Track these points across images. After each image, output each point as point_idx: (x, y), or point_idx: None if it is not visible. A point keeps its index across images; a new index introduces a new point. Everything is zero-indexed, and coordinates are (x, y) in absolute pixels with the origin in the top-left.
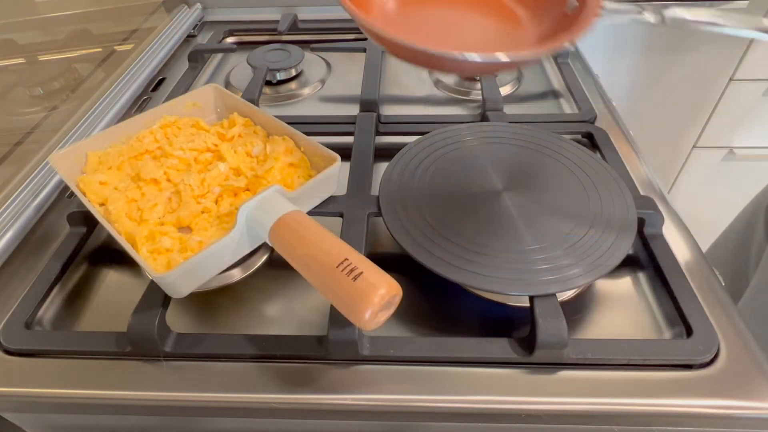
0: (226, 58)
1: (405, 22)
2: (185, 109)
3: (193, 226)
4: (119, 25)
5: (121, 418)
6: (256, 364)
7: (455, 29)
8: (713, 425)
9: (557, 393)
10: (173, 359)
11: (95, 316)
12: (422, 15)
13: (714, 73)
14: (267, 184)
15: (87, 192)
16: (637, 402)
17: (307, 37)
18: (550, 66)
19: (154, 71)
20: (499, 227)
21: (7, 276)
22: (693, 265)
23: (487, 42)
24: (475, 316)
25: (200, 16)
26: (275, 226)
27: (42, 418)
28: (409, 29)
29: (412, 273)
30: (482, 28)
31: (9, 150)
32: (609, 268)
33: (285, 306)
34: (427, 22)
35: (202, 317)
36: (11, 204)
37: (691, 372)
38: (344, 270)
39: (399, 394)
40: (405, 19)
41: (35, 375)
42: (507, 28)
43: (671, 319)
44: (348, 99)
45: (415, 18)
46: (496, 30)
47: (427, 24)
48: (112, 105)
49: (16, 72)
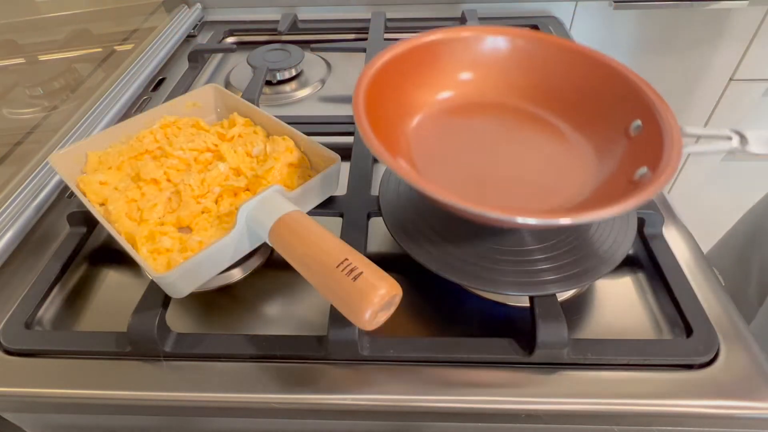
0: (226, 58)
1: (449, 161)
2: (185, 109)
3: (193, 226)
4: (119, 25)
5: (121, 418)
6: (256, 364)
7: (504, 167)
8: (713, 425)
9: (557, 393)
10: (173, 359)
11: (95, 316)
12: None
13: (714, 73)
14: (267, 184)
15: (87, 192)
16: (637, 402)
17: (307, 37)
18: None
19: (154, 71)
20: (498, 227)
21: (7, 276)
22: (693, 265)
23: (543, 182)
24: (475, 316)
25: (200, 16)
26: (275, 226)
27: (42, 418)
28: (453, 172)
29: (412, 273)
30: (538, 162)
31: (9, 150)
32: (609, 268)
33: (285, 306)
34: (472, 164)
35: (202, 317)
36: (11, 204)
37: (691, 372)
38: (344, 270)
39: (399, 394)
40: (447, 156)
41: (35, 375)
42: (564, 166)
43: (671, 319)
44: (348, 99)
45: (459, 157)
46: (550, 167)
47: (473, 167)
48: (112, 105)
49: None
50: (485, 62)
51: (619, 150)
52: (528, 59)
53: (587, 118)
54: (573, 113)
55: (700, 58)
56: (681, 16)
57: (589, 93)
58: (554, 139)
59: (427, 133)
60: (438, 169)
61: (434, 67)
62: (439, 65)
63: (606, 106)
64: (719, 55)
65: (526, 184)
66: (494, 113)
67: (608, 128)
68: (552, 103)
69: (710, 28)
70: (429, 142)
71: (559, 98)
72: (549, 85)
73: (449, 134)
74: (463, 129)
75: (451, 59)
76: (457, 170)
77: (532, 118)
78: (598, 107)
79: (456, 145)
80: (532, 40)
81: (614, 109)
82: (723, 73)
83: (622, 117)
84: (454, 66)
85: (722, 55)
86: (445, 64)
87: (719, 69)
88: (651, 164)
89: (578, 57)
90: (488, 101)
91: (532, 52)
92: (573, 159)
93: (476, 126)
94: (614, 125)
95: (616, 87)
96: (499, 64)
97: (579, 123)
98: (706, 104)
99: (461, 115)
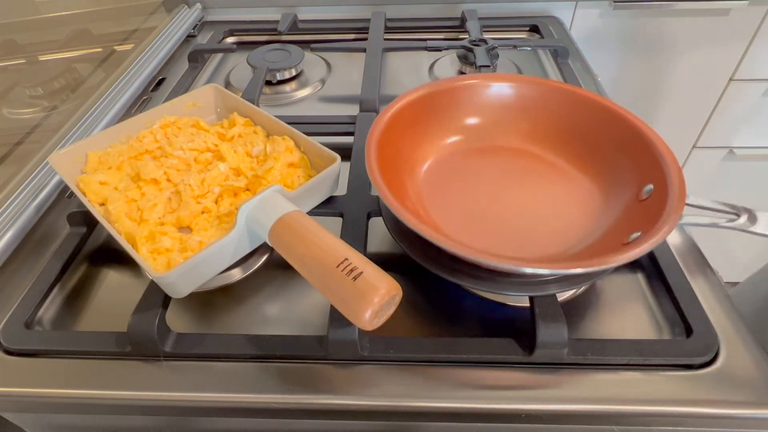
0: (226, 58)
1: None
2: (185, 109)
3: (193, 226)
4: (119, 25)
5: (121, 418)
6: (256, 364)
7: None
8: (713, 425)
9: (557, 393)
10: (173, 359)
11: (95, 316)
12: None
13: (714, 73)
14: (267, 184)
15: (87, 192)
16: (637, 402)
17: (307, 37)
18: (550, 66)
19: (154, 71)
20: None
21: (7, 276)
22: (693, 265)
23: (556, 223)
24: (475, 316)
25: (200, 16)
26: (275, 226)
27: (42, 418)
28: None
29: (412, 273)
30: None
31: (9, 150)
32: (609, 268)
33: (285, 306)
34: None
35: (202, 317)
36: (11, 204)
37: (691, 372)
38: (344, 270)
39: (399, 394)
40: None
41: (35, 375)
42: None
43: (671, 319)
44: (348, 99)
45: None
46: (557, 210)
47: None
48: (112, 105)
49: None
50: (495, 106)
51: (623, 204)
52: (535, 104)
53: (599, 169)
54: (584, 162)
55: (700, 58)
56: (681, 16)
57: (605, 146)
58: (560, 182)
59: (437, 178)
60: (447, 214)
61: (442, 114)
62: (446, 112)
63: (620, 164)
64: (719, 55)
65: (530, 228)
66: (502, 156)
67: (619, 186)
68: (561, 148)
69: (710, 28)
70: (438, 187)
71: (570, 144)
72: (560, 130)
73: (457, 178)
74: (471, 172)
75: (459, 105)
76: (464, 214)
77: (540, 161)
78: (611, 163)
79: (464, 188)
80: (549, 89)
81: (628, 168)
82: (723, 73)
83: (637, 180)
84: (462, 111)
85: (722, 55)
86: (452, 111)
87: (719, 69)
88: (644, 229)
89: (594, 107)
90: (496, 144)
91: (543, 98)
92: (579, 206)
93: (484, 168)
94: (627, 185)
95: (634, 145)
96: (507, 107)
97: (587, 170)
98: (706, 104)
99: (469, 158)
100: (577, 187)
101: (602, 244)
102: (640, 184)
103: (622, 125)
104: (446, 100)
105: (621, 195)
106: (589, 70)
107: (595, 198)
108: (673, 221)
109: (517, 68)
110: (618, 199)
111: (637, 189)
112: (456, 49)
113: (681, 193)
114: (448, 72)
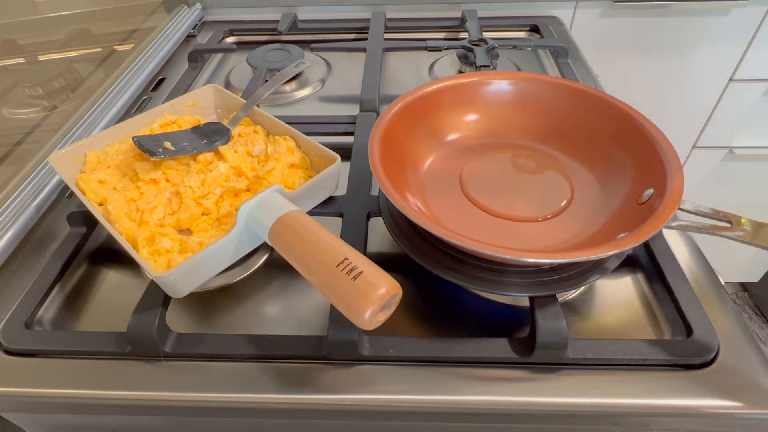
0: (226, 58)
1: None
2: (185, 109)
3: (193, 228)
4: (119, 25)
5: (121, 418)
6: (256, 364)
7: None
8: (713, 425)
9: (557, 393)
10: (173, 359)
11: (95, 316)
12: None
13: (714, 73)
14: (268, 185)
15: (86, 190)
16: (637, 402)
17: (307, 37)
18: (550, 66)
19: (154, 71)
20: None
21: (7, 276)
22: (693, 265)
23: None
24: (474, 316)
25: (200, 16)
26: (275, 226)
27: (42, 418)
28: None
29: (412, 273)
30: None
31: (9, 150)
32: (609, 268)
33: (285, 306)
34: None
35: (202, 317)
36: (11, 204)
37: (691, 372)
38: (344, 270)
39: (399, 394)
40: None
41: (35, 375)
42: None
43: (671, 319)
44: (348, 99)
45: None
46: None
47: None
48: (112, 105)
49: (16, 72)
50: (492, 103)
51: (620, 199)
52: (534, 100)
53: (598, 162)
54: (583, 155)
55: (700, 58)
56: (681, 16)
57: (603, 139)
58: (560, 176)
59: (439, 174)
60: (449, 209)
61: (441, 113)
62: (445, 110)
63: (619, 159)
64: (719, 55)
65: (529, 222)
66: (502, 152)
67: (617, 180)
68: (560, 142)
69: (710, 28)
70: (440, 183)
71: (569, 137)
72: (559, 125)
73: (459, 174)
74: (472, 168)
75: (458, 103)
76: (466, 208)
77: (539, 155)
78: (610, 158)
79: (465, 184)
80: (549, 85)
81: (628, 164)
82: (723, 73)
83: (637, 179)
84: (461, 109)
85: (722, 55)
86: (451, 109)
87: (719, 69)
88: (629, 229)
89: (597, 102)
90: (496, 141)
91: (545, 95)
92: (578, 201)
93: (485, 164)
94: (624, 180)
95: (641, 145)
96: (507, 104)
97: (586, 163)
98: (706, 104)
99: (470, 154)
100: (576, 181)
101: (593, 241)
102: (640, 185)
103: (621, 119)
104: (447, 98)
105: (618, 190)
106: (589, 70)
107: (594, 191)
108: (659, 223)
109: (517, 68)
110: (615, 193)
111: (637, 190)
112: (456, 49)
113: (676, 196)
114: (448, 72)
